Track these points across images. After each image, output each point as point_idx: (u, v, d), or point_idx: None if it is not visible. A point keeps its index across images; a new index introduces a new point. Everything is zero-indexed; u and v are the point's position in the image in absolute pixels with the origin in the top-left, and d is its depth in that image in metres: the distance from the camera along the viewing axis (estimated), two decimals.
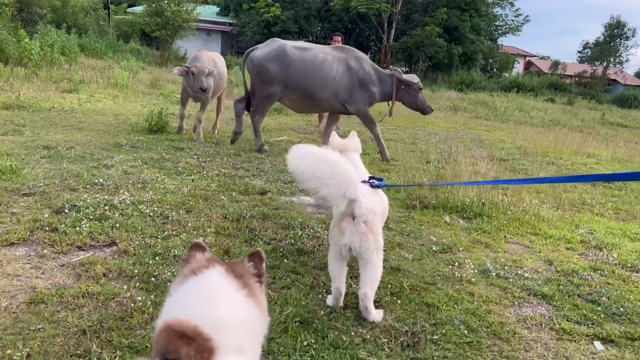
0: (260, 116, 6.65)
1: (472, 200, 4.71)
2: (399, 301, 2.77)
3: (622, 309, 2.90)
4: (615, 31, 41.31)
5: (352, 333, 2.41)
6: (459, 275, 3.19)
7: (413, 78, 6.84)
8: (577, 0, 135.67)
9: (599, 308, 2.91)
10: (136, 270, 2.82)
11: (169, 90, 13.24)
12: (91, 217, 3.56)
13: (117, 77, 13.29)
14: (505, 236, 4.12)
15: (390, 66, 7.44)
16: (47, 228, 3.29)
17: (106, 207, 3.77)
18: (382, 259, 2.62)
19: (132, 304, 2.46)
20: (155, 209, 3.91)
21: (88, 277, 2.73)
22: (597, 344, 2.52)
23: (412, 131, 10.89)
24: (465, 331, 2.51)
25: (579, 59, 49.10)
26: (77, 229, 3.32)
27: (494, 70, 38.42)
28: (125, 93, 12.13)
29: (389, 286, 2.93)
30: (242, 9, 34.05)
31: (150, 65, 20.92)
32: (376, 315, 2.56)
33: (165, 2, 22.75)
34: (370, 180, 2.90)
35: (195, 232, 3.54)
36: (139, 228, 3.47)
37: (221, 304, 1.33)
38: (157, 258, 3.03)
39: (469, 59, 33.90)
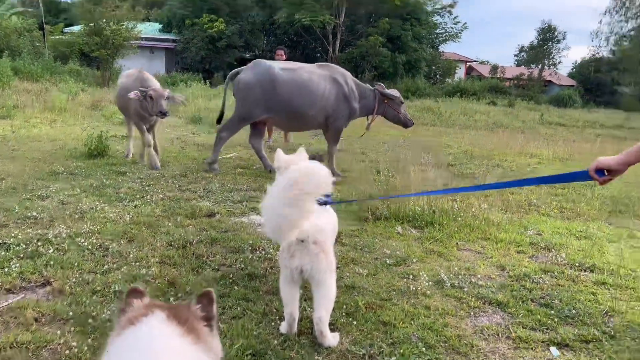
0: (229, 133, 6.59)
1: (423, 209, 4.71)
2: (355, 322, 2.68)
3: (574, 311, 2.93)
4: (547, 35, 43.29)
5: None
6: (414, 288, 3.14)
7: (395, 92, 6.96)
8: (510, 7, 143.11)
9: (552, 312, 2.92)
10: (72, 312, 2.61)
11: (111, 111, 12.73)
12: (22, 255, 3.30)
13: (55, 100, 12.72)
14: (457, 243, 4.13)
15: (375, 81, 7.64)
16: None
17: (39, 243, 3.51)
18: (336, 279, 2.53)
19: (67, 351, 2.26)
20: (94, 240, 3.68)
21: (18, 324, 2.50)
22: (553, 350, 2.52)
23: (362, 141, 10.90)
24: (424, 348, 2.45)
25: (516, 62, 51.14)
26: (6, 269, 3.06)
27: (437, 76, 39.42)
28: (64, 116, 11.60)
29: (344, 306, 2.84)
30: (185, 25, 33.54)
31: (90, 86, 20.23)
32: (332, 339, 2.46)
33: (104, 21, 22.08)
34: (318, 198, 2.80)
35: (137, 263, 3.34)
36: (76, 264, 3.24)
37: (163, 357, 1.19)
38: (95, 296, 2.82)
39: (413, 67, 34.65)
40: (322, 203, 2.77)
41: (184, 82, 25.39)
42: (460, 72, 44.38)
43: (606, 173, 1.99)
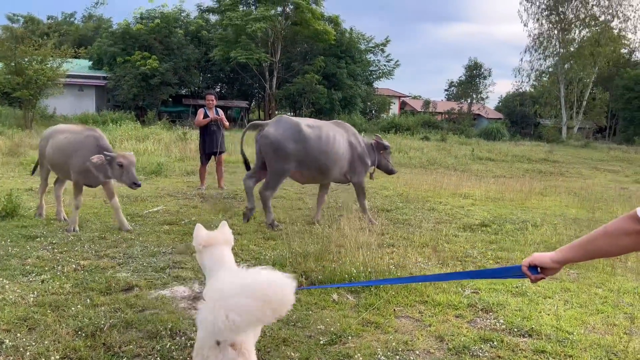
0: (272, 191, 6.69)
1: (359, 270, 4.50)
2: None
3: None
4: (475, 71, 45.76)
5: None
6: None
7: (387, 142, 7.48)
8: (438, 43, 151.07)
9: None
10: None
11: (30, 157, 11.88)
12: None
13: None
14: (394, 310, 3.93)
15: (375, 134, 8.25)
16: None
17: None
18: None
19: None
20: None
21: None
22: None
23: (299, 185, 10.72)
24: None
25: (446, 97, 53.62)
26: None
27: (373, 112, 40.47)
28: None
29: None
30: (117, 62, 32.63)
31: (11, 128, 18.98)
32: None
33: (26, 60, 20.97)
34: None
35: None
36: None
37: None
38: None
39: (349, 103, 35.40)
40: None
41: (114, 122, 24.45)
42: (395, 108, 45.82)
43: (539, 270, 1.84)
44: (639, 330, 3.75)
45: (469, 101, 46.04)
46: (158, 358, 3.01)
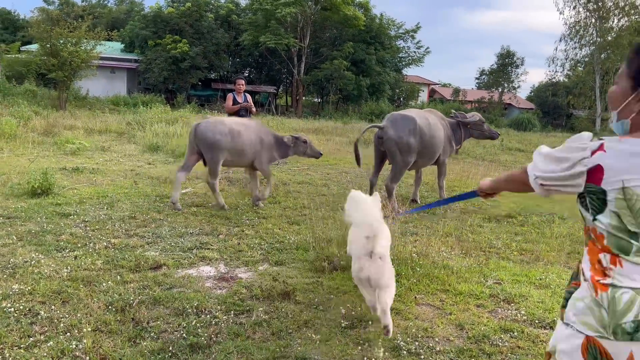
0: (397, 183, 7.25)
1: None
2: None
3: None
4: (507, 60, 44.67)
5: None
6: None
7: (474, 117, 8.04)
8: (470, 30, 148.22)
9: None
10: None
11: (64, 137, 12.20)
12: None
13: (4, 126, 12.11)
14: (415, 297, 3.97)
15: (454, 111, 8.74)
16: None
17: None
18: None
19: None
20: (23, 304, 3.36)
21: None
22: None
23: (324, 170, 10.77)
24: None
25: (477, 85, 52.57)
26: None
27: (401, 99, 40.04)
28: (13, 145, 11.03)
29: None
30: (148, 45, 33.03)
31: (46, 108, 19.48)
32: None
33: (61, 42, 21.41)
34: None
35: (68, 333, 3.04)
36: None
37: None
38: None
39: (377, 90, 35.07)
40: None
41: (145, 104, 24.84)
42: (424, 95, 45.23)
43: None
44: None
45: (500, 90, 45.07)
46: (184, 334, 3.12)
